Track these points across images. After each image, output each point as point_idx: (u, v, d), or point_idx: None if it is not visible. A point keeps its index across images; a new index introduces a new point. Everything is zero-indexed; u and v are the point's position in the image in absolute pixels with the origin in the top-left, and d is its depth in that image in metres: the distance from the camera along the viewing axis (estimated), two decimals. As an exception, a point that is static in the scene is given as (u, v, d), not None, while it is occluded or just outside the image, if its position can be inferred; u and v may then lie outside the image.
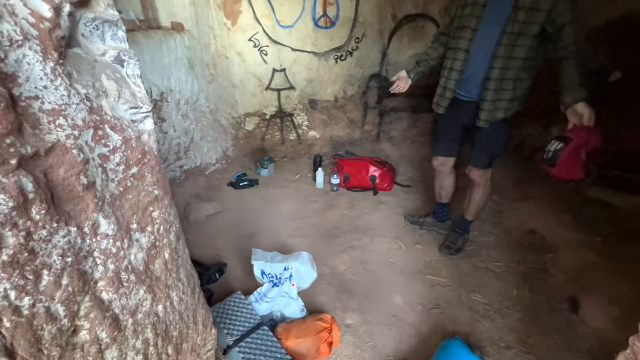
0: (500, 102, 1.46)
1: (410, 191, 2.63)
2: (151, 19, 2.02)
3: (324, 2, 2.71)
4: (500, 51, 1.37)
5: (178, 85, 2.12)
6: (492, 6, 1.37)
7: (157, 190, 0.66)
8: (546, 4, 1.25)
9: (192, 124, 2.35)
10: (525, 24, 1.30)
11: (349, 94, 3.17)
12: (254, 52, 2.92)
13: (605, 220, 1.96)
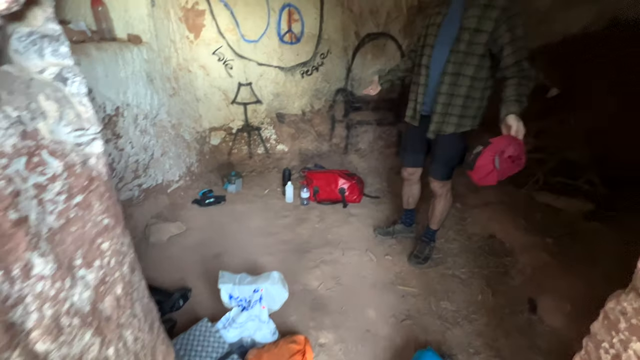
0: (450, 116, 1.55)
1: (379, 202, 2.69)
2: (105, 30, 1.91)
3: (289, 18, 2.75)
4: (448, 68, 1.47)
5: (135, 99, 2.00)
6: (445, 26, 1.49)
7: (107, 219, 0.60)
8: (488, 26, 1.35)
9: (152, 140, 2.22)
10: (470, 44, 1.40)
11: (316, 107, 3.20)
12: (219, 65, 2.87)
13: (554, 222, 2.13)
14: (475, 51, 1.41)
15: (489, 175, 1.34)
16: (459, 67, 1.46)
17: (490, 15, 1.33)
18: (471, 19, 1.38)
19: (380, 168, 3.30)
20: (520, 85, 1.32)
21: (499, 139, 1.31)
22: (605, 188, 2.24)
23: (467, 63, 1.44)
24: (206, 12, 2.66)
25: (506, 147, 1.28)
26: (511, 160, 1.31)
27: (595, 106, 2.71)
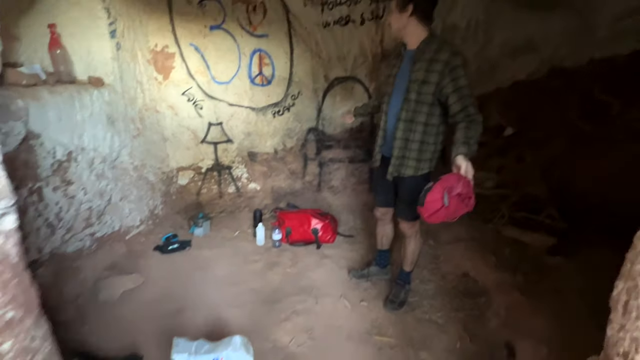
0: (407, 159, 1.61)
1: (353, 241, 2.63)
2: (62, 72, 1.83)
3: (260, 62, 2.82)
4: (402, 115, 1.57)
5: (92, 143, 1.89)
6: (399, 77, 1.61)
7: (11, 312, 0.50)
8: (434, 78, 1.46)
9: (110, 184, 2.08)
10: (419, 94, 1.50)
11: (288, 146, 3.21)
12: (188, 105, 2.84)
13: (521, 258, 2.16)
14: (424, 100, 1.51)
15: (438, 212, 1.35)
16: (411, 115, 1.55)
17: (435, 68, 1.44)
18: (419, 72, 1.49)
19: (353, 205, 3.29)
20: (468, 129, 1.39)
21: (449, 175, 1.34)
22: (564, 222, 2.34)
23: (419, 111, 1.53)
24: (176, 54, 2.67)
25: (455, 183, 1.31)
26: (460, 199, 1.33)
27: (546, 143, 2.93)
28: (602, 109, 2.46)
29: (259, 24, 2.70)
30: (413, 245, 1.85)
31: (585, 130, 2.52)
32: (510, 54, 2.81)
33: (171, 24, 2.59)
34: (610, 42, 2.67)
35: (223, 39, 2.71)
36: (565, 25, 2.71)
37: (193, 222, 2.64)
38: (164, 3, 2.48)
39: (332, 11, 2.68)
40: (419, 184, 1.64)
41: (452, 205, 1.32)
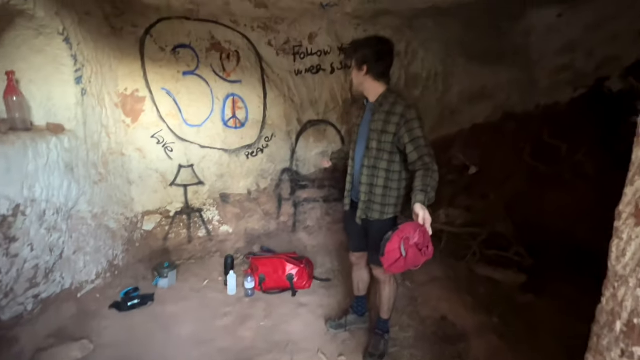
0: (373, 204, 1.65)
1: (330, 285, 2.55)
2: (17, 119, 1.72)
3: (233, 106, 2.86)
4: (365, 162, 1.65)
5: (46, 193, 1.74)
6: (362, 127, 1.71)
7: None
8: (391, 128, 1.55)
9: (63, 237, 1.90)
10: (379, 142, 1.59)
11: (262, 186, 3.17)
12: (157, 148, 2.76)
13: (496, 296, 2.19)
14: (384, 148, 1.59)
15: (397, 262, 1.35)
16: (374, 161, 1.63)
17: (392, 120, 1.55)
18: (377, 122, 1.59)
19: (329, 245, 3.24)
20: (425, 177, 1.43)
21: (406, 225, 1.35)
22: (531, 258, 2.43)
23: (380, 158, 1.61)
24: (147, 98, 2.64)
25: (412, 233, 1.32)
26: (418, 249, 1.33)
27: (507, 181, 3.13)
28: (552, 152, 2.70)
29: (232, 71, 2.77)
30: (388, 290, 1.81)
31: (540, 169, 2.73)
32: (468, 101, 3.07)
33: (143, 69, 2.58)
34: (551, 91, 3.02)
35: (196, 84, 2.73)
36: (512, 76, 3.04)
37: (157, 272, 2.44)
38: (136, 49, 2.49)
39: (303, 60, 2.82)
40: (386, 228, 1.66)
41: (410, 256, 1.32)
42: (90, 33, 2.07)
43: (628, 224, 0.63)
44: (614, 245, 0.69)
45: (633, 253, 0.61)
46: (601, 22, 2.40)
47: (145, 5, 2.33)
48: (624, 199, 0.67)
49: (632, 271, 0.60)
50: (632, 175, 0.65)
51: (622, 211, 0.67)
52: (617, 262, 0.66)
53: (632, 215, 0.63)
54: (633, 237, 0.61)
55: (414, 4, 2.26)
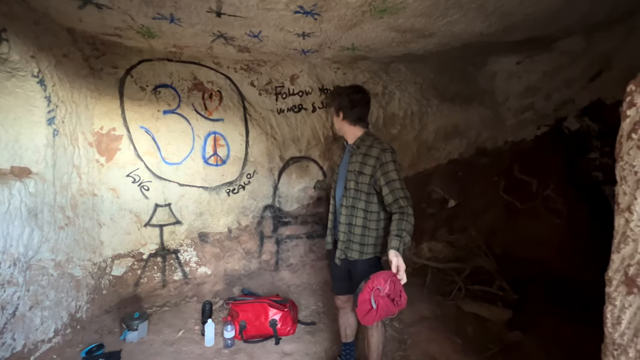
0: (352, 243, 1.65)
1: (316, 329, 2.42)
2: (-23, 164, 1.61)
3: (214, 143, 2.83)
4: (344, 201, 1.68)
5: (2, 244, 1.58)
6: (341, 168, 1.76)
7: None
8: (368, 170, 1.59)
9: (19, 291, 1.71)
10: (357, 183, 1.63)
11: (243, 224, 3.07)
12: (133, 187, 2.64)
13: (484, 335, 2.16)
14: (362, 189, 1.63)
15: (369, 314, 1.30)
16: (352, 201, 1.65)
17: (369, 162, 1.59)
18: (355, 164, 1.64)
19: (313, 284, 3.14)
20: (401, 220, 1.45)
21: (378, 274, 1.31)
22: (515, 293, 2.45)
23: (358, 198, 1.64)
24: (123, 137, 2.57)
25: (383, 284, 1.28)
26: (390, 299, 1.30)
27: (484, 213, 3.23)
28: (524, 186, 2.84)
29: (214, 110, 2.78)
30: (376, 336, 1.74)
31: (514, 203, 2.85)
32: (443, 138, 3.23)
33: (121, 108, 2.53)
34: (517, 129, 3.25)
35: (177, 122, 2.70)
36: (481, 115, 3.26)
37: (125, 324, 2.22)
38: (115, 89, 2.46)
39: (285, 100, 2.90)
40: (367, 268, 1.64)
41: (381, 307, 1.29)
42: (67, 74, 2.03)
43: (620, 292, 0.65)
44: (608, 311, 0.68)
45: (628, 322, 0.62)
46: (556, 70, 2.67)
47: (127, 48, 2.35)
48: (612, 265, 0.68)
49: (630, 341, 0.61)
50: (617, 242, 0.66)
51: (611, 277, 0.68)
52: (614, 329, 0.66)
53: (622, 282, 0.64)
54: (626, 305, 0.62)
55: (389, 52, 2.42)
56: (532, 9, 1.77)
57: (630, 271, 0.62)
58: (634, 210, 0.60)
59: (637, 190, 0.59)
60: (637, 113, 0.61)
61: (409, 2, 1.51)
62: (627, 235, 0.62)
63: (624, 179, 0.61)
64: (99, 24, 1.90)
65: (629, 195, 0.61)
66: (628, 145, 0.62)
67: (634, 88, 0.64)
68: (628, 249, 0.62)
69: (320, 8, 1.56)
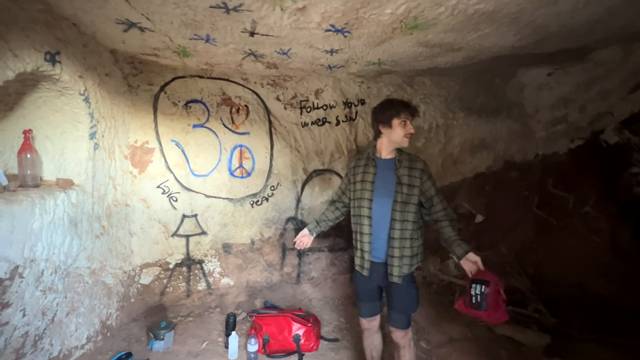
0: (404, 258, 1.62)
1: (339, 346, 2.36)
2: (27, 176, 1.72)
3: (240, 156, 2.90)
4: (395, 215, 1.62)
5: (46, 252, 1.67)
6: (380, 182, 1.67)
7: None
8: (417, 182, 1.62)
9: (58, 298, 1.78)
10: (408, 195, 1.62)
11: (265, 236, 3.09)
12: (162, 198, 2.74)
13: (519, 361, 2.03)
14: (411, 200, 1.62)
15: (502, 311, 1.42)
16: (403, 215, 1.62)
17: (415, 174, 1.63)
18: (403, 177, 1.63)
19: (335, 299, 3.08)
20: (454, 226, 1.57)
21: (489, 275, 1.43)
22: (552, 316, 2.30)
23: (408, 210, 1.62)
24: (155, 149, 2.68)
25: (498, 280, 1.41)
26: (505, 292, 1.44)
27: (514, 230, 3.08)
28: (559, 202, 2.70)
29: (241, 123, 2.86)
30: (408, 356, 1.70)
31: (548, 220, 2.71)
32: (469, 151, 3.15)
33: (154, 122, 2.66)
34: (548, 142, 3.13)
35: (205, 136, 2.80)
36: (509, 128, 3.16)
37: (153, 333, 2.26)
38: (150, 105, 2.59)
39: (309, 114, 2.94)
40: (410, 284, 1.66)
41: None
42: (109, 92, 2.17)
43: None
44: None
45: None
46: (591, 81, 2.57)
47: (162, 66, 2.48)
48: None
49: None
50: None
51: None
52: None
53: None
54: None
55: (415, 66, 2.42)
56: (568, 21, 1.72)
57: None
58: None
59: None
60: None
61: (440, 19, 1.52)
62: None
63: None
64: (139, 45, 2.02)
65: None
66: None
67: None
68: None
69: (351, 26, 1.59)
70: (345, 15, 1.48)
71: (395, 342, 1.71)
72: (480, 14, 1.48)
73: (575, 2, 1.45)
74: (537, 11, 1.51)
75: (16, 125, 1.82)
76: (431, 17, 1.48)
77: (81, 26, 1.79)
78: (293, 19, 1.54)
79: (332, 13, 1.46)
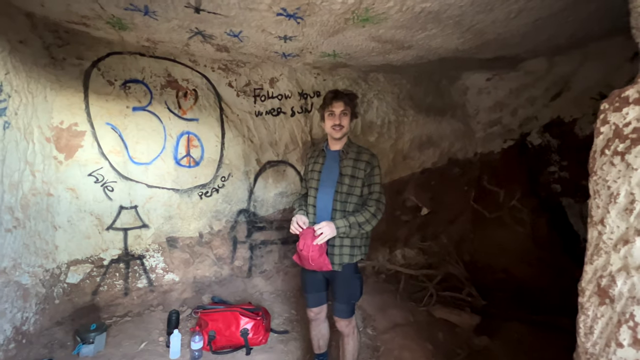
0: (344, 247, 1.65)
1: (288, 338, 2.36)
2: None
3: (187, 144, 2.71)
4: (336, 205, 1.66)
5: None
6: (325, 173, 1.72)
7: None
8: (360, 174, 1.65)
9: (-48, 303, 1.50)
10: (349, 186, 1.65)
11: (215, 228, 2.95)
12: (95, 187, 2.45)
13: (454, 340, 2.21)
14: (354, 192, 1.66)
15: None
16: (343, 205, 1.66)
17: (360, 166, 1.66)
18: (346, 168, 1.67)
19: (287, 291, 3.07)
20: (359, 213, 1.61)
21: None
22: (482, 299, 2.55)
23: (350, 202, 1.66)
24: (87, 133, 2.39)
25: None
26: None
27: (454, 221, 3.34)
28: (492, 196, 2.99)
29: (189, 109, 2.67)
30: (352, 344, 1.74)
31: (482, 212, 2.98)
32: (418, 147, 3.33)
33: (85, 102, 2.35)
34: (485, 141, 3.42)
35: (147, 120, 2.56)
36: (453, 127, 3.40)
37: (80, 337, 2.03)
38: (79, 82, 2.29)
39: (264, 102, 2.85)
40: (353, 274, 1.69)
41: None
42: (24, 63, 1.86)
43: (592, 302, 0.67)
44: (581, 321, 0.71)
45: (600, 331, 0.64)
46: (522, 88, 2.86)
47: (94, 38, 2.19)
48: (585, 277, 0.71)
49: (602, 350, 0.63)
50: (590, 254, 0.70)
51: (584, 288, 0.71)
52: (586, 339, 0.69)
53: (594, 293, 0.67)
54: (598, 315, 0.65)
55: (369, 61, 2.46)
56: (502, 29, 1.88)
57: (603, 282, 0.65)
58: (606, 223, 0.63)
59: (609, 204, 0.62)
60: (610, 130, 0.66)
61: (390, 14, 1.55)
62: (599, 247, 0.65)
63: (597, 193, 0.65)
64: (63, 11, 1.75)
65: (602, 208, 0.64)
66: (601, 160, 0.66)
67: (607, 106, 0.68)
68: (600, 260, 0.65)
69: (303, 12, 1.55)
70: (297, 0, 1.44)
71: (339, 331, 1.74)
72: (426, 12, 1.54)
73: (508, 11, 1.58)
74: (477, 16, 1.62)
75: None
76: (381, 10, 1.51)
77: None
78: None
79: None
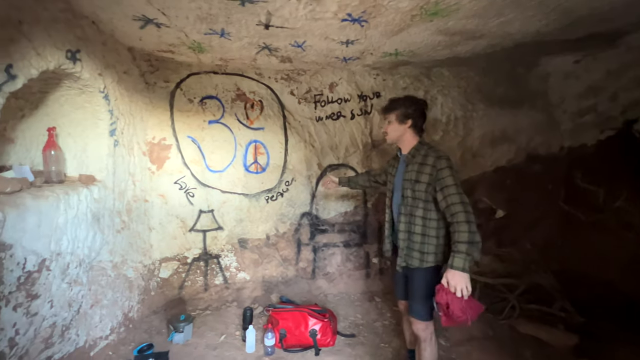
0: (412, 251, 1.66)
1: (355, 342, 2.34)
2: (52, 172, 1.77)
3: (255, 151, 2.91)
4: (402, 209, 1.68)
5: (71, 246, 1.72)
6: (398, 176, 1.76)
7: None
8: (424, 178, 1.60)
9: (83, 290, 1.84)
10: (414, 191, 1.63)
11: (280, 231, 3.10)
12: (179, 193, 2.78)
13: (544, 361, 1.95)
14: (419, 197, 1.62)
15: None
16: (410, 210, 1.66)
17: (425, 170, 1.60)
18: (411, 172, 1.65)
19: (351, 294, 3.07)
20: (454, 232, 1.46)
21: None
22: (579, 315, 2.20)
23: (416, 206, 1.64)
24: (172, 146, 2.72)
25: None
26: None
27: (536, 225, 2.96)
28: (587, 197, 2.57)
29: (255, 119, 2.86)
30: (429, 350, 1.67)
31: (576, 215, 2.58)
32: (490, 144, 3.04)
33: (171, 119, 2.69)
34: (575, 133, 2.97)
35: (220, 132, 2.82)
36: (532, 119, 3.02)
37: (173, 326, 2.31)
38: (166, 102, 2.63)
39: (324, 108, 2.90)
40: (426, 277, 1.65)
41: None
42: (127, 89, 2.20)
43: None
44: None
45: None
46: (624, 67, 2.41)
47: (178, 63, 2.50)
48: None
49: None
50: None
51: None
52: None
53: None
54: None
55: (433, 56, 2.34)
56: (599, 2, 1.61)
57: None
58: None
59: None
60: None
61: (463, 4, 1.45)
62: None
63: None
64: (155, 42, 2.03)
65: None
66: None
67: None
68: None
69: (369, 15, 1.54)
70: (363, 3, 1.44)
71: (417, 335, 1.69)
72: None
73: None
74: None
75: (41, 123, 1.88)
76: (453, 2, 1.42)
77: (100, 24, 1.82)
78: (309, 9, 1.51)
79: (350, 1, 1.42)
